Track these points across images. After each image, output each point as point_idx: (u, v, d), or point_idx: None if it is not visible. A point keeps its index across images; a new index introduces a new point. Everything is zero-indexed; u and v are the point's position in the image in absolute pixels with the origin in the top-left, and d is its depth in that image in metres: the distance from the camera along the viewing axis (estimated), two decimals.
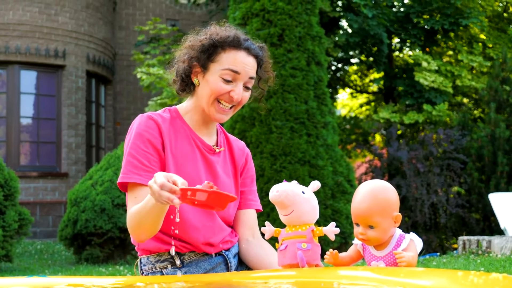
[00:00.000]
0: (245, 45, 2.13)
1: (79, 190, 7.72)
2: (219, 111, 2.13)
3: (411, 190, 9.71)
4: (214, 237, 2.15)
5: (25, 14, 11.38)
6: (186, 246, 2.12)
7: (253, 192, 2.34)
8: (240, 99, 2.13)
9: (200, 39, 2.16)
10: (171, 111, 2.21)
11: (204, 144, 2.19)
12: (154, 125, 2.11)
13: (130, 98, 13.60)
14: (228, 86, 2.10)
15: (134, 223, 1.99)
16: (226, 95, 2.11)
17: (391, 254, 1.83)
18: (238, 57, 2.11)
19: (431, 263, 5.71)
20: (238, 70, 2.09)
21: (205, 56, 2.12)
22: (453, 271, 1.55)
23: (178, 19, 13.94)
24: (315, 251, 1.86)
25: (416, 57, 11.54)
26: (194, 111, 2.20)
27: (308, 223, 1.88)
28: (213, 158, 2.20)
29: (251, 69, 2.13)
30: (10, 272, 6.93)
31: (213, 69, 2.11)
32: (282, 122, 7.12)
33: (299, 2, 7.43)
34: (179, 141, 2.15)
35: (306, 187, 1.92)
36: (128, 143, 2.10)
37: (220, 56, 2.11)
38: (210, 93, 2.11)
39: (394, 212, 1.83)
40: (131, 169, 2.05)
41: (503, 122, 10.10)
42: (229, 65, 2.09)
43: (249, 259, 2.25)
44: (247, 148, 2.39)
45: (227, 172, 2.25)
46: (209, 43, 2.12)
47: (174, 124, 2.17)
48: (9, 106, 11.26)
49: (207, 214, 2.14)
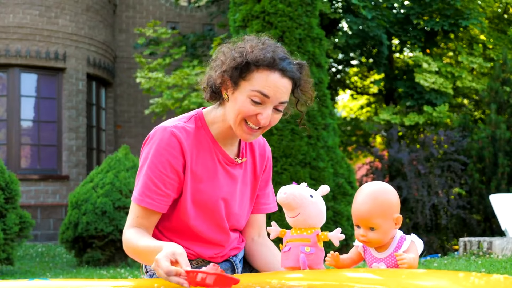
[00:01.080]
0: (281, 66, 1.96)
1: (80, 193, 7.72)
2: (246, 132, 2.01)
3: (412, 191, 9.71)
4: (224, 252, 2.16)
5: (25, 17, 11.39)
6: (194, 254, 2.11)
7: (266, 195, 2.28)
8: (266, 124, 2.00)
9: (234, 56, 2.00)
10: (197, 120, 2.09)
11: (225, 157, 2.11)
12: (177, 143, 2.00)
13: (131, 100, 13.60)
14: (257, 108, 1.96)
15: (130, 253, 2.02)
16: (253, 117, 1.98)
17: (392, 256, 1.83)
18: (271, 79, 1.95)
19: (432, 265, 5.71)
20: (267, 94, 1.95)
21: (237, 73, 1.98)
22: (454, 273, 1.55)
23: (178, 22, 13.95)
24: (318, 256, 1.86)
25: (416, 58, 11.54)
26: (221, 123, 2.09)
27: (314, 226, 1.88)
28: (234, 172, 2.13)
29: (283, 93, 1.98)
30: (11, 275, 6.93)
31: (243, 88, 1.97)
32: (282, 124, 7.12)
33: (299, 4, 7.44)
34: (201, 154, 2.06)
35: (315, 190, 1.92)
36: (147, 158, 2.03)
37: (252, 74, 1.96)
38: (238, 112, 1.98)
39: (395, 213, 1.83)
40: (144, 191, 2.00)
41: (503, 123, 10.10)
42: (260, 87, 1.94)
43: (254, 259, 2.24)
44: (268, 149, 2.30)
45: (246, 183, 2.19)
46: (242, 60, 1.97)
47: (198, 136, 2.07)
48: (9, 109, 11.26)
49: (223, 233, 2.12)
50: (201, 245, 2.11)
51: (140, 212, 2.02)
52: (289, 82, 1.99)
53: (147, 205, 2.00)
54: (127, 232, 2.02)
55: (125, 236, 2.02)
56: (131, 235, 2.00)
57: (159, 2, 14.01)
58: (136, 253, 1.97)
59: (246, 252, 2.27)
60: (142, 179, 2.01)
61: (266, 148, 2.29)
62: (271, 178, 2.33)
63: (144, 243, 1.93)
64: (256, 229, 2.27)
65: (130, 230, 2.02)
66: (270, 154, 2.30)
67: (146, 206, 2.00)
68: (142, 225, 2.03)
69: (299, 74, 2.02)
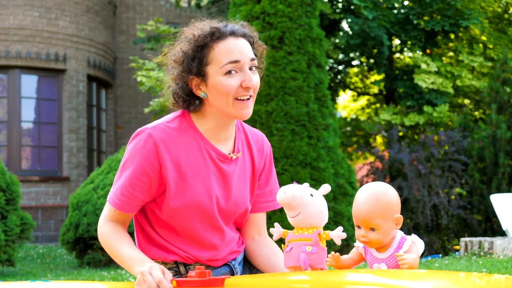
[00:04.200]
0: (228, 31, 1.95)
1: (80, 194, 7.72)
2: (242, 107, 1.96)
3: (413, 192, 9.70)
4: (221, 254, 2.12)
5: (25, 19, 11.39)
6: (191, 258, 2.08)
7: (267, 194, 2.22)
8: (254, 85, 1.96)
9: (180, 50, 1.97)
10: (181, 120, 2.03)
11: (218, 154, 2.05)
12: (152, 146, 1.95)
13: (131, 102, 13.60)
14: (236, 79, 1.93)
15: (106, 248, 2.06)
16: (239, 89, 1.94)
17: (393, 256, 1.83)
18: (229, 46, 1.93)
19: (433, 265, 5.70)
20: (236, 59, 1.92)
21: (195, 64, 1.94)
22: (455, 273, 1.55)
23: (178, 23, 13.95)
24: (320, 255, 1.85)
25: (415, 59, 11.54)
26: (208, 120, 2.03)
27: (316, 226, 1.87)
28: (228, 169, 2.07)
29: (247, 50, 1.96)
30: (12, 276, 6.93)
31: (212, 72, 1.94)
32: (283, 125, 7.12)
33: (299, 4, 7.44)
34: (189, 153, 2.00)
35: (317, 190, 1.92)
36: (124, 159, 2.03)
37: (211, 55, 1.94)
38: (225, 96, 1.93)
39: (395, 214, 1.83)
40: (115, 190, 2.03)
41: (504, 123, 10.09)
42: (225, 58, 1.92)
43: (254, 258, 2.22)
44: (267, 145, 2.23)
45: (243, 179, 2.13)
46: (191, 48, 1.95)
47: (182, 135, 2.00)
48: (10, 111, 11.26)
49: (218, 233, 2.09)
50: (197, 247, 2.08)
51: (112, 209, 2.05)
52: (245, 40, 1.97)
53: (113, 204, 2.03)
54: (104, 225, 2.05)
55: (102, 229, 2.05)
56: (109, 231, 2.04)
57: (159, 3, 14.02)
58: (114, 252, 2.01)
59: (247, 251, 2.24)
60: (115, 179, 2.04)
61: (265, 143, 2.22)
62: (274, 176, 2.27)
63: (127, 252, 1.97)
64: (256, 228, 2.24)
65: (107, 224, 2.05)
66: (269, 150, 2.24)
67: (113, 206, 2.03)
68: (118, 220, 2.06)
69: (248, 31, 2.01)
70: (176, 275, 2.07)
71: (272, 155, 2.27)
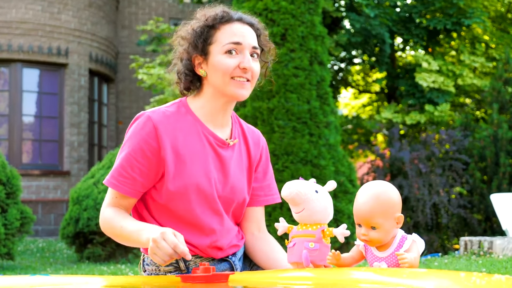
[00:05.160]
0: (236, 17, 2.06)
1: (81, 189, 7.73)
2: (238, 87, 2.02)
3: (413, 190, 9.70)
4: (222, 240, 2.11)
5: (27, 12, 11.39)
6: (192, 250, 2.06)
7: (265, 187, 2.25)
8: (252, 69, 2.02)
9: (190, 27, 2.07)
10: (180, 106, 2.10)
11: (216, 138, 2.09)
12: (152, 128, 2.00)
13: (133, 96, 13.60)
14: (235, 59, 2.00)
15: (110, 232, 2.04)
16: (237, 69, 2.00)
17: (393, 255, 1.83)
18: (234, 29, 2.03)
19: (432, 264, 5.71)
20: (238, 41, 2.01)
21: (201, 42, 2.03)
22: (455, 272, 1.55)
23: (181, 18, 13.93)
24: (322, 252, 1.85)
25: (417, 57, 11.53)
26: (205, 103, 2.09)
27: (320, 222, 1.87)
28: (225, 154, 2.10)
29: (251, 37, 2.05)
30: (12, 270, 6.94)
31: (214, 51, 2.02)
32: (284, 122, 7.12)
33: (302, 1, 7.43)
34: (187, 137, 2.04)
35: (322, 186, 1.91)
36: (124, 143, 2.06)
37: (216, 35, 2.03)
38: (222, 73, 2.00)
39: (396, 213, 1.83)
40: (113, 173, 2.03)
41: (505, 123, 10.09)
42: (228, 39, 2.01)
43: (254, 255, 2.22)
44: (263, 140, 2.28)
45: (240, 167, 2.16)
46: (200, 26, 2.04)
47: (181, 120, 2.06)
48: (11, 104, 11.27)
49: (217, 216, 2.09)
50: (197, 233, 2.07)
51: (114, 193, 2.05)
52: (251, 29, 2.07)
53: (112, 186, 2.03)
54: (106, 210, 2.05)
55: (104, 215, 2.05)
56: (111, 214, 2.03)
57: None
58: (118, 231, 2.00)
59: (246, 247, 2.24)
60: (117, 163, 2.04)
61: (261, 138, 2.27)
62: (271, 172, 2.30)
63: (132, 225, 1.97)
64: (255, 223, 2.24)
65: (109, 209, 2.05)
66: (265, 145, 2.28)
67: (112, 187, 2.03)
68: (121, 205, 2.06)
69: (257, 23, 2.10)
70: (176, 271, 2.07)
71: (268, 150, 2.31)
